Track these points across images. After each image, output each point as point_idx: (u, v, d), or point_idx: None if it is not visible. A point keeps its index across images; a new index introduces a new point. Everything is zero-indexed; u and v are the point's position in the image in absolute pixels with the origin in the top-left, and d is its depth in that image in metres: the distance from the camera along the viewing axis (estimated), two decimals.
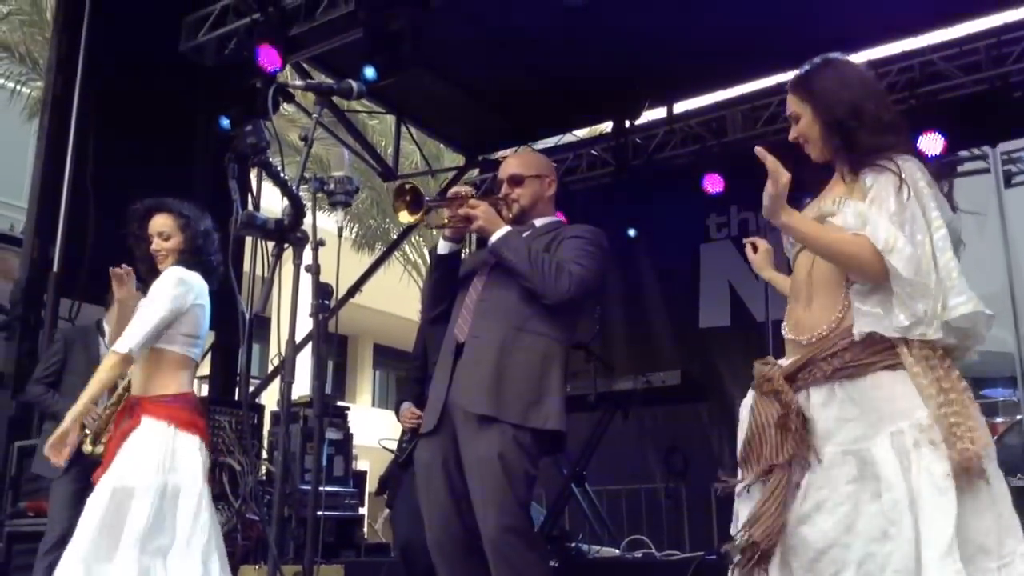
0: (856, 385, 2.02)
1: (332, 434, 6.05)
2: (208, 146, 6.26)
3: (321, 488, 5.24)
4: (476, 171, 8.91)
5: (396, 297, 14.38)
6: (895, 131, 2.16)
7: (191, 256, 3.29)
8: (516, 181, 3.07)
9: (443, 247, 3.00)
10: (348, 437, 6.56)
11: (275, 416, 6.72)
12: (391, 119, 8.70)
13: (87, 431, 4.13)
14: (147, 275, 3.33)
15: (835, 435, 2.03)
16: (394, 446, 4.46)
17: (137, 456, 3.04)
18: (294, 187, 2.19)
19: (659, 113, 7.88)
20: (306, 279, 2.26)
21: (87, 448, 4.08)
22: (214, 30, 6.02)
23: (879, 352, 2.01)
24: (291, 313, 2.10)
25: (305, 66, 6.69)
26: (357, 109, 8.94)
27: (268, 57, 5.66)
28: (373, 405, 22.80)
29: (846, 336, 2.04)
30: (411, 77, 6.41)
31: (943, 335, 1.98)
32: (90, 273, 5.33)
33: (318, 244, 2.19)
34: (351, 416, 7.03)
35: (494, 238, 2.84)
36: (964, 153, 6.34)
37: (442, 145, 10.09)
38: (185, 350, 3.23)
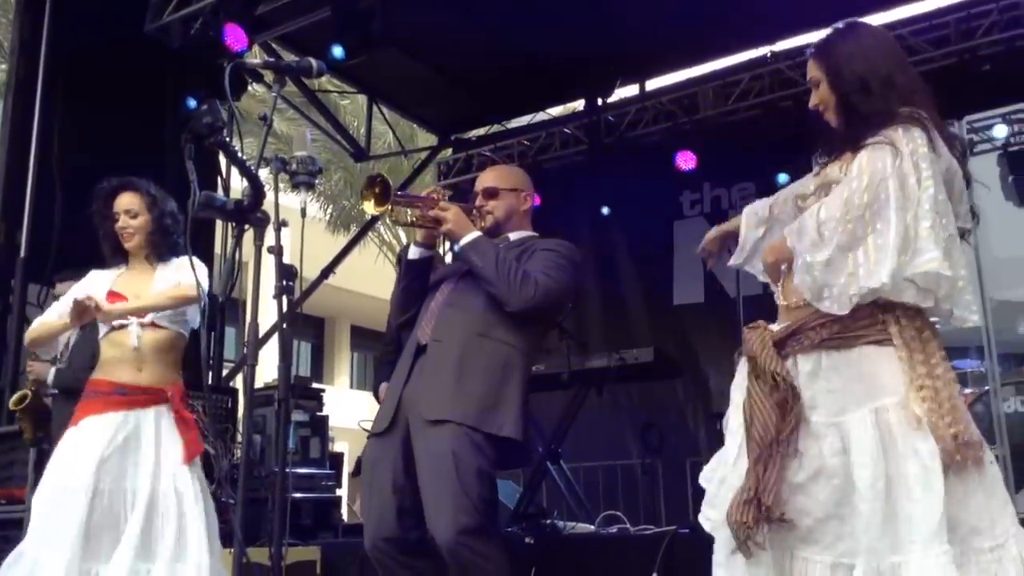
0: (843, 356, 2.04)
1: (298, 416, 6.03)
2: (176, 128, 6.16)
3: (289, 470, 5.23)
4: (449, 150, 8.87)
5: (372, 278, 14.35)
6: (911, 99, 2.14)
7: (159, 236, 3.29)
8: (491, 194, 3.05)
9: (414, 252, 2.97)
10: (324, 419, 6.55)
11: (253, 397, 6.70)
12: (362, 99, 8.64)
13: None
14: (111, 254, 3.32)
15: (819, 406, 2.05)
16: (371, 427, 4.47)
17: None
18: (254, 167, 2.16)
19: (632, 91, 7.87)
20: (270, 261, 2.24)
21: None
22: (179, 10, 5.91)
23: (868, 326, 2.02)
24: (252, 295, 2.08)
25: (273, 46, 6.61)
26: (328, 89, 8.88)
27: (234, 36, 5.60)
28: (351, 387, 22.80)
29: None
30: (382, 56, 6.36)
31: (912, 294, 1.99)
32: (58, 258, 5.27)
33: (280, 225, 2.17)
34: (328, 398, 7.02)
35: (463, 242, 2.81)
36: None
37: (415, 125, 10.04)
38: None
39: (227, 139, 2.10)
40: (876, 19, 6.74)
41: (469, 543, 2.57)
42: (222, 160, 6.72)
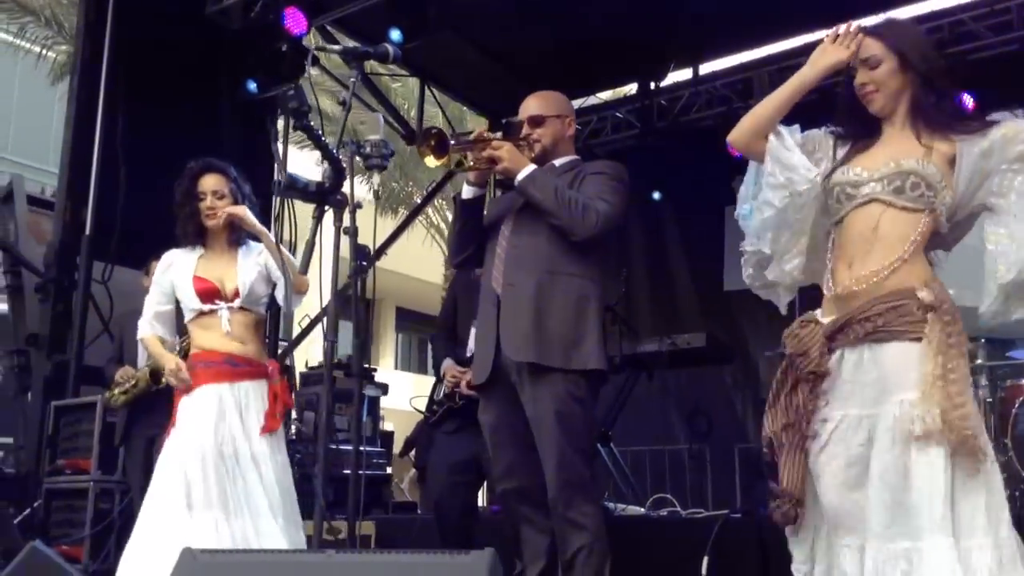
0: (883, 349, 2.07)
1: (370, 391, 6.14)
2: (234, 110, 6.29)
3: (363, 447, 5.36)
4: (499, 133, 8.87)
5: (419, 260, 14.45)
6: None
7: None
8: (537, 122, 3.10)
9: (467, 192, 3.04)
10: (376, 399, 6.66)
11: (304, 377, 6.83)
12: (413, 82, 8.69)
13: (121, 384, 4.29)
14: (192, 234, 3.37)
15: (857, 396, 2.08)
16: (423, 406, 4.54)
17: None
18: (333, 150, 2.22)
19: (685, 75, 7.82)
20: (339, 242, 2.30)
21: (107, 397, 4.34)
22: None
23: (912, 323, 2.04)
24: (332, 274, 2.15)
25: (330, 29, 6.67)
26: (380, 72, 8.94)
27: (294, 20, 5.67)
28: (396, 368, 22.99)
29: (883, 300, 2.07)
30: (435, 39, 6.40)
31: None
32: (122, 235, 5.41)
33: (355, 207, 2.23)
34: (376, 379, 7.14)
35: (520, 177, 2.86)
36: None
37: (464, 108, 10.07)
38: None
39: (311, 122, 2.16)
40: (937, 3, 6.68)
41: (569, 493, 2.76)
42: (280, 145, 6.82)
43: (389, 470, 6.99)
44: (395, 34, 5.42)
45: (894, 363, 2.05)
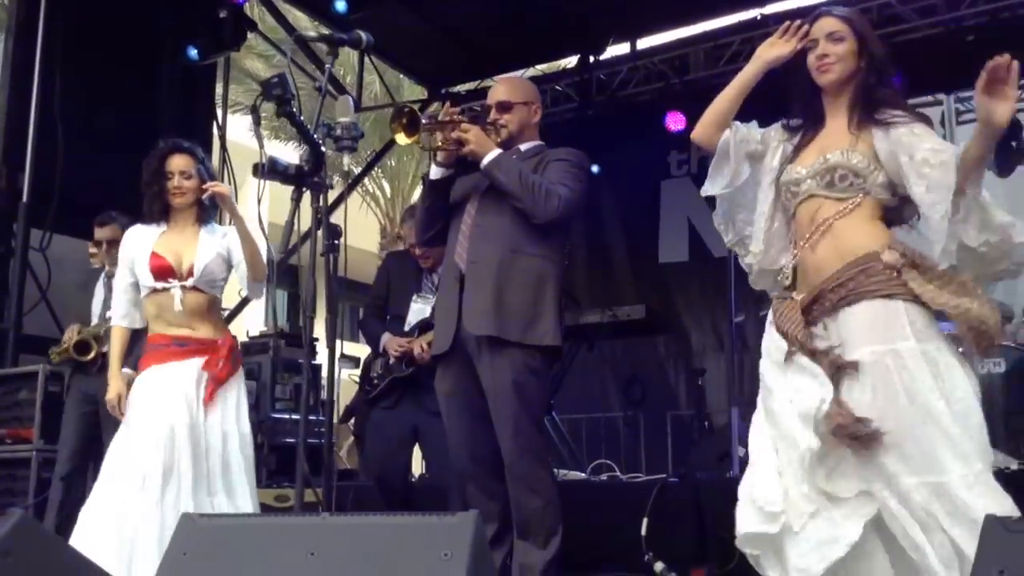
0: (851, 312, 2.23)
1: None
2: (174, 75, 6.22)
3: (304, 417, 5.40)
4: (438, 103, 8.91)
5: (354, 228, 14.37)
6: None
7: (210, 199, 3.43)
8: (504, 107, 3.20)
9: (435, 172, 3.14)
10: (317, 367, 6.68)
11: (245, 347, 6.82)
12: (350, 50, 8.63)
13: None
14: (158, 212, 3.42)
15: (861, 343, 2.21)
16: (358, 378, 4.62)
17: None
18: (312, 134, 2.28)
19: (623, 49, 7.95)
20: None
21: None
22: None
23: (879, 282, 2.21)
24: (311, 253, 2.22)
25: (275, 1, 6.63)
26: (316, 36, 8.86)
27: None
28: (302, 325, 22.77)
29: (850, 267, 2.24)
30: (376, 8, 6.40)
31: None
32: (60, 203, 5.34)
33: (326, 188, 2.31)
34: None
35: (486, 160, 2.98)
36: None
37: (402, 76, 10.05)
38: None
39: (293, 109, 2.22)
40: None
41: (527, 460, 2.92)
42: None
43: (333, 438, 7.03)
44: (340, 4, 5.41)
45: (866, 316, 2.21)
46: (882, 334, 2.18)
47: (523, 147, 3.19)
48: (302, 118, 2.35)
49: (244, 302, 6.66)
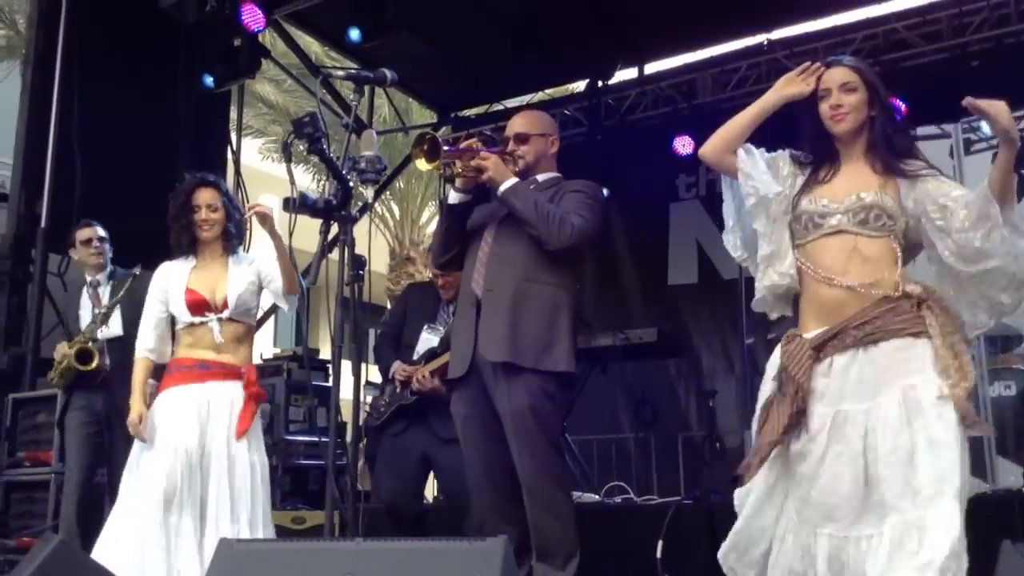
0: (879, 348, 2.27)
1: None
2: (189, 101, 6.30)
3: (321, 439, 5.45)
4: (447, 128, 8.99)
5: (362, 250, 14.43)
6: None
7: (236, 230, 3.53)
8: (522, 139, 3.27)
9: (453, 197, 3.21)
10: (329, 389, 6.73)
11: (258, 369, 6.87)
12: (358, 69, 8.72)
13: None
14: (186, 245, 3.50)
15: (850, 396, 2.27)
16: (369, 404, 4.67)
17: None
18: (343, 170, 2.35)
19: (631, 74, 8.03)
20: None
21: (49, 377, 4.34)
22: None
23: (907, 320, 2.26)
24: (338, 283, 2.29)
25: (286, 27, 6.72)
26: (327, 64, 8.99)
27: (252, 16, 5.72)
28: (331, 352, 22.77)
29: (876, 305, 2.29)
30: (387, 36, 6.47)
31: None
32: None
33: (352, 219, 2.37)
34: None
35: (503, 188, 3.05)
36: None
37: (411, 100, 10.13)
38: None
39: (325, 147, 2.29)
40: (869, 12, 6.98)
41: (544, 483, 2.96)
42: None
43: (344, 460, 7.07)
44: (354, 33, 5.50)
45: (892, 357, 2.26)
46: (906, 369, 2.24)
47: (540, 178, 3.26)
48: (331, 154, 2.41)
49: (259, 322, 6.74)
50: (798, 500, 2.30)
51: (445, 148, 3.00)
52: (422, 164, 2.98)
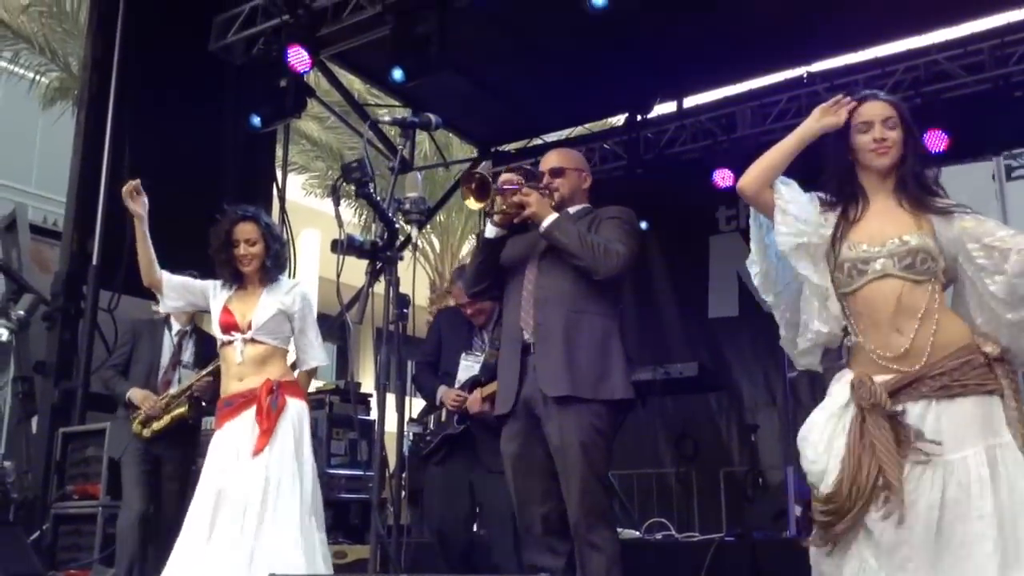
0: (954, 403, 2.25)
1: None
2: (237, 140, 6.45)
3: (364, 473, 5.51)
4: (488, 163, 9.08)
5: (403, 283, 14.54)
6: None
7: (274, 262, 3.63)
8: (557, 173, 3.33)
9: (491, 232, 3.25)
10: (372, 423, 6.77)
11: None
12: (402, 108, 8.87)
13: (141, 412, 4.41)
14: (230, 276, 3.64)
15: (967, 439, 2.24)
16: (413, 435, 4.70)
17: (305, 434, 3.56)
18: (388, 212, 2.42)
19: (670, 107, 8.08)
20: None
21: (136, 429, 4.39)
22: (243, 30, 6.20)
23: (982, 376, 2.26)
24: (384, 323, 2.34)
25: (330, 66, 6.86)
26: (371, 102, 9.14)
27: (298, 58, 5.85)
28: (375, 389, 22.89)
29: (953, 357, 2.27)
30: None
31: None
32: (128, 266, 5.53)
33: (397, 260, 2.43)
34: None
35: (546, 223, 3.10)
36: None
37: (451, 135, 10.26)
38: None
39: (372, 190, 2.36)
40: (910, 43, 6.97)
41: (591, 519, 2.97)
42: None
43: (384, 494, 7.10)
44: (397, 74, 5.60)
45: (971, 413, 2.24)
46: (985, 429, 2.23)
47: (571, 210, 3.31)
48: (378, 197, 2.47)
49: None
50: (872, 546, 2.24)
51: (495, 186, 3.06)
52: (472, 203, 3.05)
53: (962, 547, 2.16)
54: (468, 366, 4.19)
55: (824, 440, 2.34)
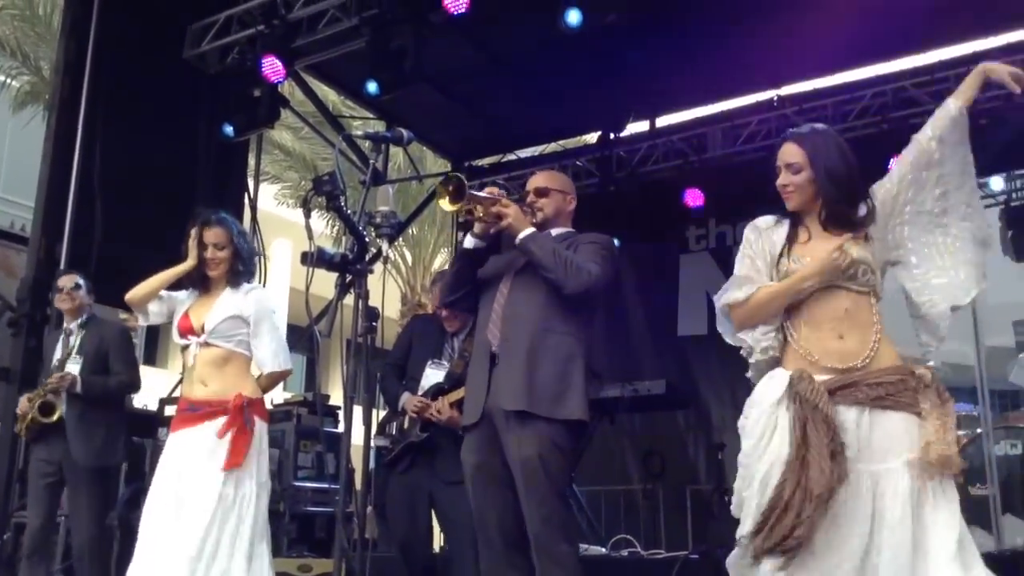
0: (886, 415, 2.34)
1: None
2: (209, 151, 6.42)
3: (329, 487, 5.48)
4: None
5: (374, 295, 14.51)
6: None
7: (242, 265, 3.63)
8: (542, 192, 3.38)
9: (469, 242, 3.29)
10: (339, 435, 6.75)
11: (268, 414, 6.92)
12: (376, 121, 8.88)
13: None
14: (197, 281, 3.65)
15: (863, 454, 2.32)
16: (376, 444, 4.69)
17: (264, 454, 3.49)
18: (359, 225, 2.43)
19: (642, 127, 8.14)
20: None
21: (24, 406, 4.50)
22: (218, 39, 6.18)
23: (913, 397, 2.35)
24: (352, 335, 2.34)
25: (305, 77, 6.86)
26: (345, 114, 9.14)
27: (272, 68, 5.85)
28: (343, 401, 22.75)
29: (890, 372, 2.37)
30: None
31: None
32: (96, 272, 5.49)
33: (366, 273, 2.44)
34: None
35: (522, 235, 3.13)
36: None
37: (425, 148, 10.28)
38: None
39: (343, 204, 2.37)
40: (876, 70, 7.09)
41: (550, 531, 2.98)
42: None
43: (351, 508, 7.08)
44: (372, 87, 5.62)
45: (898, 429, 2.33)
46: (908, 446, 2.32)
47: (554, 232, 3.34)
48: (349, 211, 2.49)
49: None
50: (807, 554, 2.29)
51: (471, 191, 3.07)
52: (446, 204, 3.04)
53: (887, 553, 2.24)
54: (433, 374, 4.21)
55: (756, 434, 2.43)
